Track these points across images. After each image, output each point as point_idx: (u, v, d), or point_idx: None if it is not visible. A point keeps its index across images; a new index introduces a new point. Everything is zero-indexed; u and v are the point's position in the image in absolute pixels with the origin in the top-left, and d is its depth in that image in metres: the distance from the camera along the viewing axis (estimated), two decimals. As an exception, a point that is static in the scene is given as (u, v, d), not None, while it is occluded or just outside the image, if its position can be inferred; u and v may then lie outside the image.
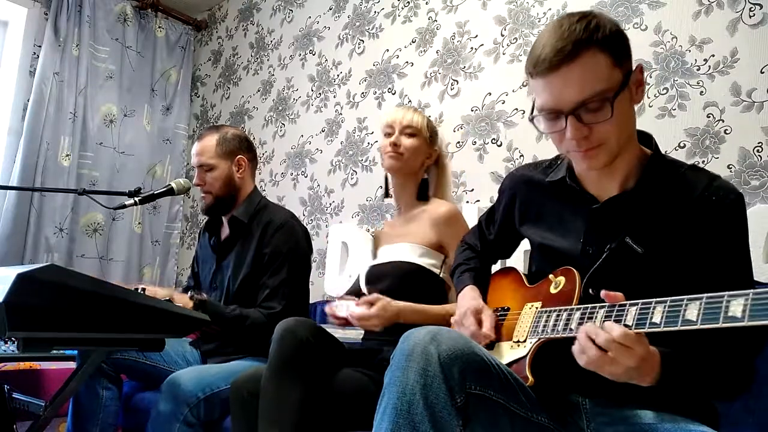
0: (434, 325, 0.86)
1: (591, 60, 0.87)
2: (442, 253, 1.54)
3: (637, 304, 0.80)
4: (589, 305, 0.88)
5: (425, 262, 1.51)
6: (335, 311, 1.45)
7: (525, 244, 1.26)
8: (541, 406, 0.91)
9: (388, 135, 1.61)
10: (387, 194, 1.73)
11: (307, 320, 1.34)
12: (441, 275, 1.53)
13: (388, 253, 1.60)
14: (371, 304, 1.37)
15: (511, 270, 1.22)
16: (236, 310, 1.64)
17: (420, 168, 1.63)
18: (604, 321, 0.82)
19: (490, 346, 1.06)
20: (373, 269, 1.60)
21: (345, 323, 1.44)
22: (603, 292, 0.84)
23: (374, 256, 1.72)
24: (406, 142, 1.58)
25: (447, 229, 1.52)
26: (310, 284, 1.85)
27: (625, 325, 0.79)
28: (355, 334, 1.72)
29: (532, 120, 0.96)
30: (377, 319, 1.36)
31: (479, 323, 1.06)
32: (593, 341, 0.79)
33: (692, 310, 0.72)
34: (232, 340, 1.69)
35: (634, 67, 0.93)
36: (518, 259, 1.55)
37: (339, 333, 1.64)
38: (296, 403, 1.19)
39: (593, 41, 0.87)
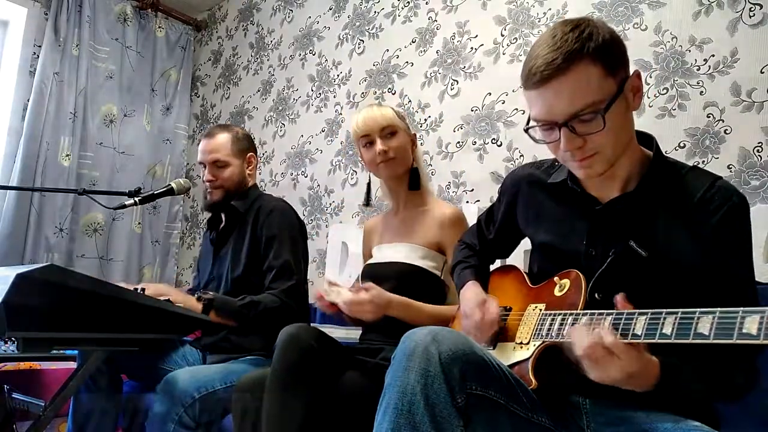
0: (430, 325, 0.86)
1: (582, 72, 0.86)
2: (442, 254, 1.52)
3: (646, 313, 0.79)
4: (596, 311, 0.87)
5: (426, 264, 1.50)
6: (325, 296, 1.39)
7: (525, 244, 1.26)
8: (542, 407, 0.91)
9: (369, 145, 1.55)
10: (368, 203, 1.67)
11: (309, 326, 1.32)
12: (442, 277, 1.51)
13: (387, 253, 1.58)
14: (365, 291, 1.34)
15: (512, 268, 1.21)
16: (246, 299, 1.62)
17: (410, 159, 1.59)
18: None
19: (493, 344, 1.06)
20: (373, 269, 1.58)
21: (333, 309, 1.39)
22: (617, 298, 0.82)
23: (367, 251, 1.71)
24: (392, 143, 1.53)
25: (451, 231, 1.50)
26: (309, 284, 1.85)
27: (634, 335, 0.78)
28: (353, 334, 1.71)
29: (527, 131, 0.96)
30: (370, 305, 1.33)
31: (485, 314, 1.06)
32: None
33: (705, 324, 0.72)
34: (248, 330, 1.65)
35: (631, 73, 0.92)
36: (518, 258, 1.54)
37: (336, 334, 1.63)
38: (301, 413, 1.17)
39: (585, 52, 0.85)
